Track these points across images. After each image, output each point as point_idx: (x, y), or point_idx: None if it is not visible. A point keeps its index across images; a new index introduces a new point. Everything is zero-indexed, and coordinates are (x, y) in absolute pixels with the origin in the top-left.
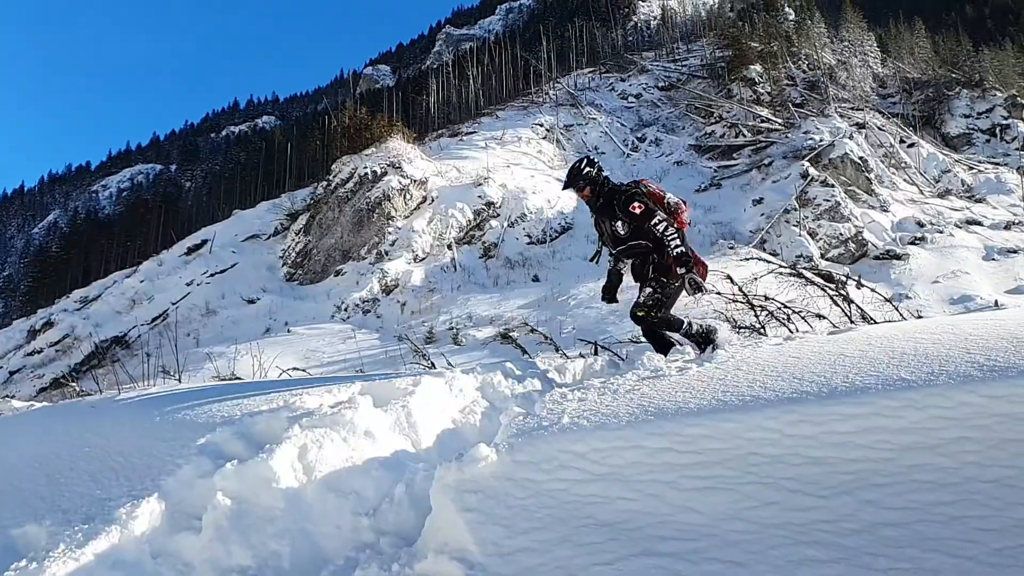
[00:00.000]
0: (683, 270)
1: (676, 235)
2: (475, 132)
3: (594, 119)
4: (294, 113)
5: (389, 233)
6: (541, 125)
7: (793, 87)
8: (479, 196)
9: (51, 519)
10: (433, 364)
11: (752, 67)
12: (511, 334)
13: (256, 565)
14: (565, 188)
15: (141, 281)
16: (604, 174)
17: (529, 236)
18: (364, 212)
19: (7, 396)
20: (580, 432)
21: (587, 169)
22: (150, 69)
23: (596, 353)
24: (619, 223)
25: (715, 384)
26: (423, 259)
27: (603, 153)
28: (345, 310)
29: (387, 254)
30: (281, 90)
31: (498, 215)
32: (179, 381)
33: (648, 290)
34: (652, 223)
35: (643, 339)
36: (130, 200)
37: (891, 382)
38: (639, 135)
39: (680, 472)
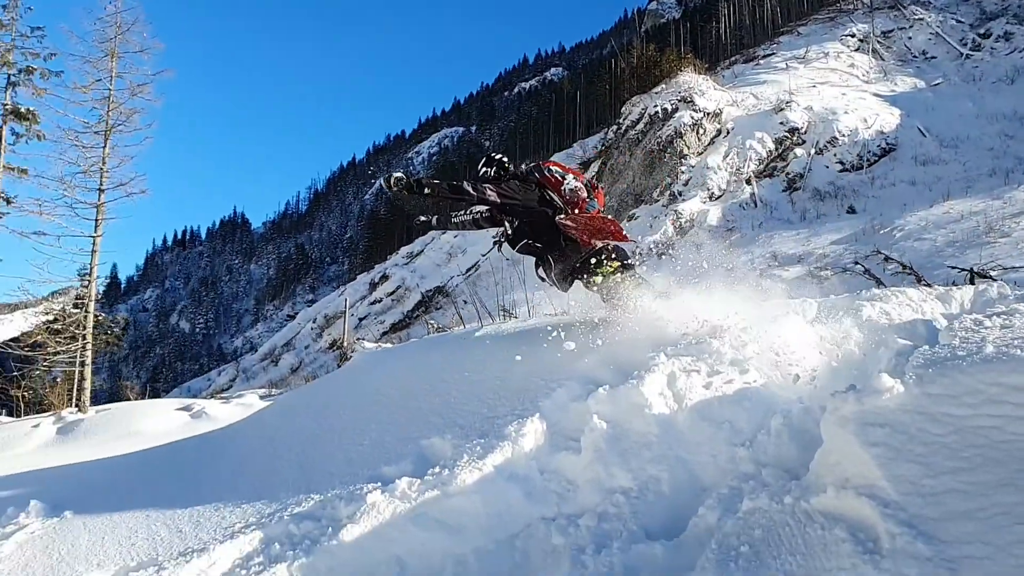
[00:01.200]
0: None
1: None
2: (773, 54)
3: (920, 20)
4: (580, 61)
5: (682, 172)
6: (852, 36)
7: None
8: (780, 123)
9: (451, 434)
10: None
11: None
12: (823, 272)
13: (637, 488)
14: None
15: (455, 236)
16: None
17: (841, 162)
18: (655, 153)
19: (359, 338)
20: (1013, 362)
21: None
22: (445, 35)
23: (972, 281)
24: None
25: None
26: (719, 197)
27: (933, 58)
28: (641, 254)
29: (680, 194)
30: (567, 39)
31: (803, 142)
32: (517, 318)
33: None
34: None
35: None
36: (439, 163)
37: None
38: (981, 31)
39: None
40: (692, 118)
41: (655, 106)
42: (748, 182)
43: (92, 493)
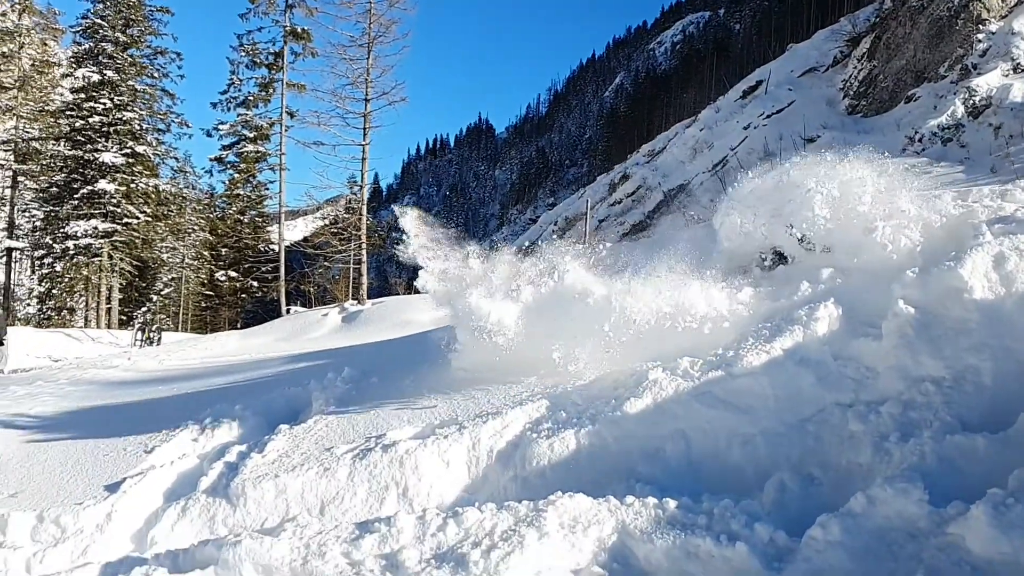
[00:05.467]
0: None
1: None
2: None
3: None
4: None
5: (978, 41)
6: None
7: None
8: None
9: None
10: None
11: None
12: None
13: (951, 377)
14: None
15: (700, 130)
16: None
17: None
18: (944, 20)
19: (600, 240)
20: None
21: None
22: None
23: None
24: None
25: None
26: None
27: None
28: (919, 141)
29: (975, 68)
30: None
31: None
32: None
33: None
34: None
35: None
36: (683, 52)
37: None
38: None
39: None
40: None
41: None
42: None
43: (388, 364)
